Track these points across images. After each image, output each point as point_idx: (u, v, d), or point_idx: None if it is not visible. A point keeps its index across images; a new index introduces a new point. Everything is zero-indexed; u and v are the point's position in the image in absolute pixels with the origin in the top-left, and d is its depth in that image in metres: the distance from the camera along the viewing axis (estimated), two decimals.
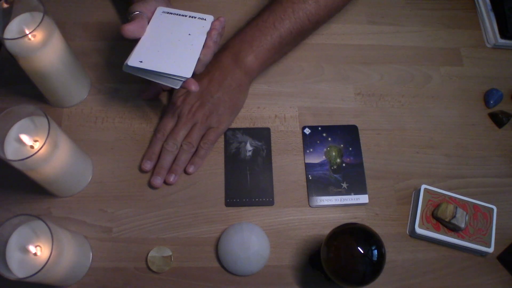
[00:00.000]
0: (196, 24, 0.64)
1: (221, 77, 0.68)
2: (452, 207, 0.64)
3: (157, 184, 0.65)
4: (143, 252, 0.63)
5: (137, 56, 0.60)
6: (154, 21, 0.63)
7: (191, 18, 0.65)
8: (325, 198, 0.67)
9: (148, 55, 0.60)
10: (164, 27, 0.63)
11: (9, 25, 0.58)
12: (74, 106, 0.71)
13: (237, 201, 0.66)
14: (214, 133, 0.68)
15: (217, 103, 0.67)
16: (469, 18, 0.83)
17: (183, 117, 0.67)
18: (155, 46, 0.61)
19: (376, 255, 0.52)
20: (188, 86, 0.61)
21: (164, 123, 0.67)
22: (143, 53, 0.60)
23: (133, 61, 0.59)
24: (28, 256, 0.51)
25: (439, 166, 0.71)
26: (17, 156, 0.52)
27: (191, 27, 0.64)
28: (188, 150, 0.66)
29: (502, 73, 0.79)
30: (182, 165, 0.67)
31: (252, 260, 0.61)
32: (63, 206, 0.65)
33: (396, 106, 0.75)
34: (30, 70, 0.61)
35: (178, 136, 0.66)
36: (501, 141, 0.74)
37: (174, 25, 0.64)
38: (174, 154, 0.66)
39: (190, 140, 0.66)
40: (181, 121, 0.67)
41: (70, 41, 0.65)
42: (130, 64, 0.59)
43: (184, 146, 0.66)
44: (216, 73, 0.68)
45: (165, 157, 0.66)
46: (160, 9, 0.65)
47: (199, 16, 0.65)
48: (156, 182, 0.65)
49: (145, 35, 0.62)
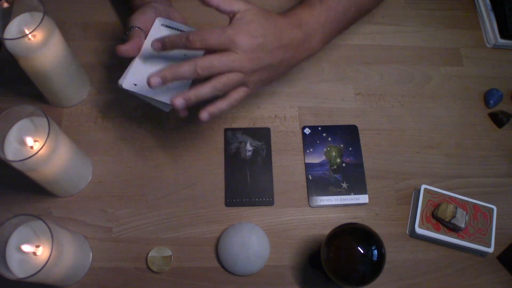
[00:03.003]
0: None
1: (291, 58, 0.60)
2: (452, 207, 0.64)
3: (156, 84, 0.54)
4: (143, 252, 0.63)
5: (132, 78, 0.60)
6: (152, 36, 0.62)
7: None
8: (325, 198, 0.67)
9: (142, 78, 0.57)
10: None
11: (9, 25, 0.58)
12: (74, 106, 0.71)
13: (237, 201, 0.66)
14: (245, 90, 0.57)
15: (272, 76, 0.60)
16: (469, 18, 0.83)
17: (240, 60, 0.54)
18: (149, 67, 0.60)
19: (376, 255, 0.52)
20: (177, 111, 0.56)
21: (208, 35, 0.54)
22: (138, 76, 0.60)
23: (127, 84, 0.59)
24: (28, 256, 0.51)
25: (439, 166, 0.71)
26: (17, 157, 0.53)
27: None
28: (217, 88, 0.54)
29: (502, 73, 0.79)
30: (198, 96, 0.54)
31: (252, 260, 0.61)
32: (63, 206, 0.65)
33: (396, 106, 0.75)
34: (30, 70, 0.61)
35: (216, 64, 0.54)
36: (501, 141, 0.74)
37: None
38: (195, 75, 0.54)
39: (225, 81, 0.54)
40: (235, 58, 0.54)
41: (70, 41, 0.65)
42: (125, 87, 0.59)
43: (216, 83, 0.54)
44: (289, 53, 0.59)
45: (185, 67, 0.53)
46: (159, 20, 0.63)
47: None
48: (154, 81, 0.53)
49: (141, 52, 0.61)
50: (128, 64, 0.61)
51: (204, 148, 0.70)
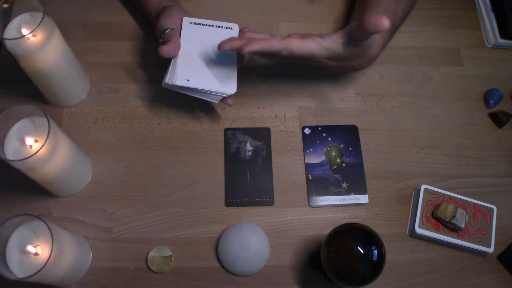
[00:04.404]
0: (225, 35, 0.65)
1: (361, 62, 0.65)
2: (452, 207, 0.64)
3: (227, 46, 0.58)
4: (143, 252, 0.63)
5: (183, 75, 0.61)
6: (185, 34, 0.65)
7: (218, 28, 0.66)
8: (325, 198, 0.67)
9: (192, 73, 0.62)
10: (196, 40, 0.65)
11: (9, 25, 0.58)
12: (74, 106, 0.71)
13: (237, 201, 0.66)
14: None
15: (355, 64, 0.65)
16: (469, 18, 0.83)
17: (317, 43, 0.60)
18: (194, 62, 0.63)
19: (376, 255, 0.52)
20: (226, 101, 0.64)
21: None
22: (187, 71, 0.62)
23: (180, 80, 0.61)
24: (28, 256, 0.51)
25: (439, 166, 0.71)
26: (17, 156, 0.53)
27: (221, 38, 0.63)
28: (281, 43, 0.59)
29: (502, 73, 0.79)
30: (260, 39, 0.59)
31: (252, 260, 0.61)
32: (63, 206, 0.65)
33: (396, 106, 0.75)
34: (30, 70, 0.61)
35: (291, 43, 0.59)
36: (501, 141, 0.74)
37: (205, 37, 0.65)
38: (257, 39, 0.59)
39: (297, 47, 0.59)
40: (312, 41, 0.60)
41: (70, 41, 0.65)
42: (179, 84, 0.61)
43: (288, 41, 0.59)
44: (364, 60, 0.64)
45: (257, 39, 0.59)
46: (186, 20, 0.66)
47: (225, 25, 0.67)
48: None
49: (180, 51, 0.63)
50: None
51: (204, 148, 0.70)
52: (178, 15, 0.66)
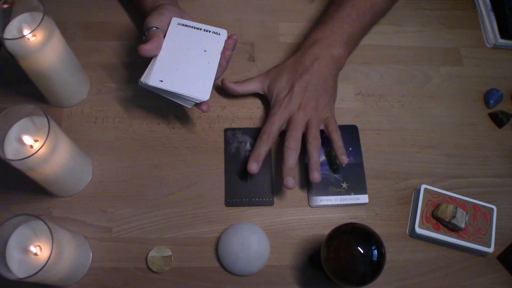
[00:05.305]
0: (211, 40, 0.65)
1: (320, 69, 0.68)
2: (452, 207, 0.64)
3: (292, 185, 0.62)
4: (143, 252, 0.63)
5: (157, 75, 0.60)
6: (170, 35, 0.63)
7: (206, 32, 0.65)
8: (325, 198, 0.67)
9: (167, 74, 0.61)
10: (180, 41, 0.64)
11: (9, 25, 0.58)
12: (74, 106, 0.71)
13: (237, 201, 0.66)
14: (334, 121, 0.67)
15: (322, 93, 0.68)
16: (469, 18, 0.83)
17: (296, 115, 0.66)
18: (173, 63, 0.62)
19: (376, 255, 0.52)
20: (200, 107, 0.63)
21: (272, 124, 0.65)
22: (163, 72, 0.61)
23: (153, 80, 0.60)
24: (28, 256, 0.51)
25: (439, 166, 0.71)
26: (17, 156, 0.53)
27: (206, 42, 0.64)
28: (318, 145, 0.64)
29: (502, 73, 0.79)
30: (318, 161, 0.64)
31: (252, 260, 0.61)
32: (63, 206, 0.65)
33: (396, 106, 0.75)
34: (30, 70, 0.61)
35: (297, 134, 0.65)
36: (501, 141, 0.74)
37: (190, 40, 0.64)
38: (298, 152, 0.64)
39: (316, 135, 0.65)
40: (296, 119, 0.65)
41: (70, 41, 0.65)
42: (152, 84, 0.60)
43: (313, 142, 0.64)
44: (314, 66, 0.68)
45: (291, 156, 0.63)
46: (175, 20, 0.65)
47: (213, 30, 0.65)
48: (290, 183, 0.62)
49: (162, 50, 0.62)
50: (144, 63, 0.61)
51: (204, 148, 0.70)
52: (168, 15, 0.65)
